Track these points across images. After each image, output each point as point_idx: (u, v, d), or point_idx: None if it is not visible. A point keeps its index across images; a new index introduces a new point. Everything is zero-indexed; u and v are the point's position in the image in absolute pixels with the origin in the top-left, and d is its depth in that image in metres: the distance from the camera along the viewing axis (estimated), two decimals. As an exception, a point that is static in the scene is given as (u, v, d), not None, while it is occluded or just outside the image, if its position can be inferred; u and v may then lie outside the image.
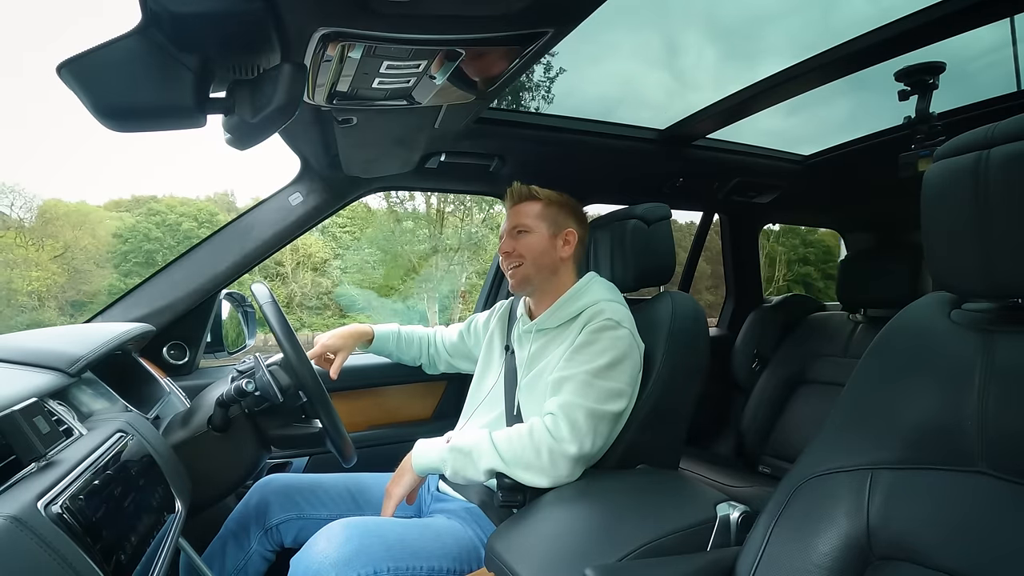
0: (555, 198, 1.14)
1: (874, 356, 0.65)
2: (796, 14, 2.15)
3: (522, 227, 1.12)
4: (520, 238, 1.12)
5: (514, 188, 1.16)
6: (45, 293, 9.92)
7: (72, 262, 10.28)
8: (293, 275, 9.37)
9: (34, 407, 0.57)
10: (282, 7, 0.57)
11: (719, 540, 0.79)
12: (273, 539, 1.03)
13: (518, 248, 1.11)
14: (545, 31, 0.71)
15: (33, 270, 8.36)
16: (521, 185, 1.15)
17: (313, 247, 10.12)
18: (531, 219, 1.12)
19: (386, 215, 11.51)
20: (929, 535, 0.53)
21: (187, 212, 11.54)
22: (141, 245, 10.67)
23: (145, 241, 10.75)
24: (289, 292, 9.58)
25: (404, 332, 1.38)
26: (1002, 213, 0.51)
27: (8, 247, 8.17)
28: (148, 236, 10.82)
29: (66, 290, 10.13)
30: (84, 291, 10.14)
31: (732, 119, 1.36)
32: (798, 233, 8.88)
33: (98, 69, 0.51)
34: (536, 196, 1.14)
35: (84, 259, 10.45)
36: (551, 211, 1.13)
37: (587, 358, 0.96)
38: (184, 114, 0.57)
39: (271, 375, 0.90)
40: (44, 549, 0.46)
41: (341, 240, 10.74)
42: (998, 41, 1.18)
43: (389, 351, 1.36)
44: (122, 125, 0.56)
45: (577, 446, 0.90)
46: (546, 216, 1.12)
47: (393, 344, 1.35)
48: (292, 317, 9.64)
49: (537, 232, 1.11)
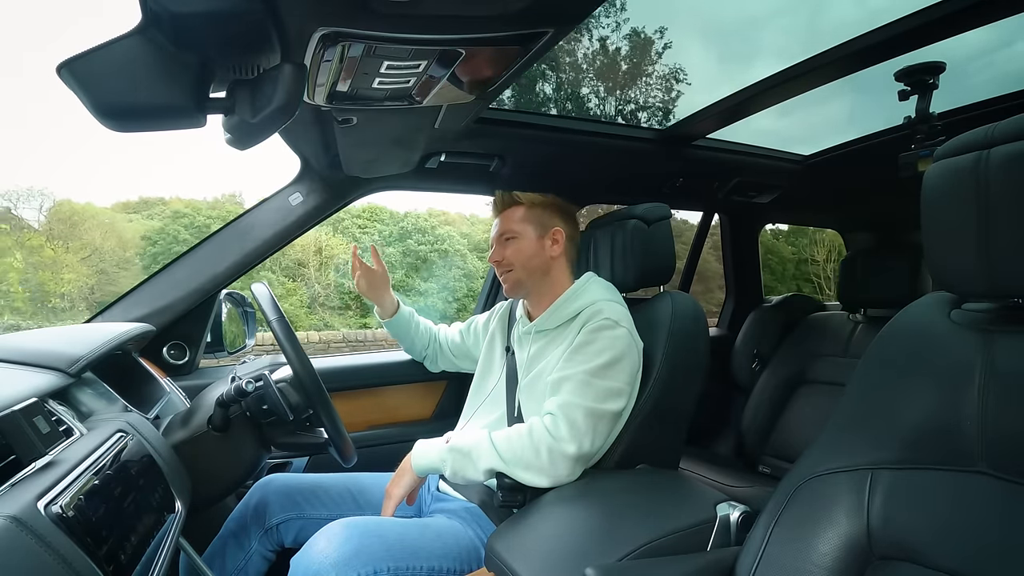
0: (537, 200, 1.15)
1: (874, 356, 0.65)
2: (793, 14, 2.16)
3: (508, 233, 1.13)
4: (508, 245, 1.13)
5: (497, 197, 1.18)
6: (76, 295, 9.93)
7: (100, 264, 10.29)
8: (317, 277, 9.41)
9: (34, 407, 0.57)
10: (282, 7, 0.57)
11: (719, 540, 0.79)
12: (273, 539, 1.03)
13: (507, 255, 1.13)
14: (545, 31, 0.71)
15: (64, 272, 8.33)
16: (503, 193, 1.17)
17: (336, 248, 10.16)
18: (516, 224, 1.13)
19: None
20: (929, 535, 0.53)
21: (215, 215, 11.59)
22: (170, 247, 10.69)
23: (175, 243, 10.78)
24: (313, 293, 9.62)
25: (419, 318, 1.40)
26: (1002, 213, 0.51)
27: (37, 249, 8.14)
28: (177, 239, 10.87)
29: (95, 291, 10.14)
30: (113, 292, 10.15)
31: (732, 119, 1.36)
32: (806, 233, 8.89)
33: (98, 69, 0.51)
34: (518, 201, 1.15)
35: (112, 261, 10.44)
36: (535, 213, 1.14)
37: (585, 358, 0.96)
38: (184, 114, 0.57)
39: (280, 393, 0.91)
40: (44, 549, 0.46)
41: (361, 242, 10.82)
42: (998, 41, 1.18)
43: (406, 330, 1.37)
44: (122, 125, 0.56)
45: (576, 445, 0.90)
46: (530, 219, 1.13)
47: (412, 325, 1.37)
48: (315, 318, 9.71)
49: (524, 236, 1.13)
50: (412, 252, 10.74)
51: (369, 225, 11.13)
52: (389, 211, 11.45)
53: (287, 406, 0.91)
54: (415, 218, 11.46)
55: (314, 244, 10.10)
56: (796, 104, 1.27)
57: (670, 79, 9.56)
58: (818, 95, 1.21)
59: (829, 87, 1.17)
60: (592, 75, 9.36)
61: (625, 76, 8.76)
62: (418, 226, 11.36)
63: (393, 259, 10.62)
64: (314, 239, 10.21)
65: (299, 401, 0.93)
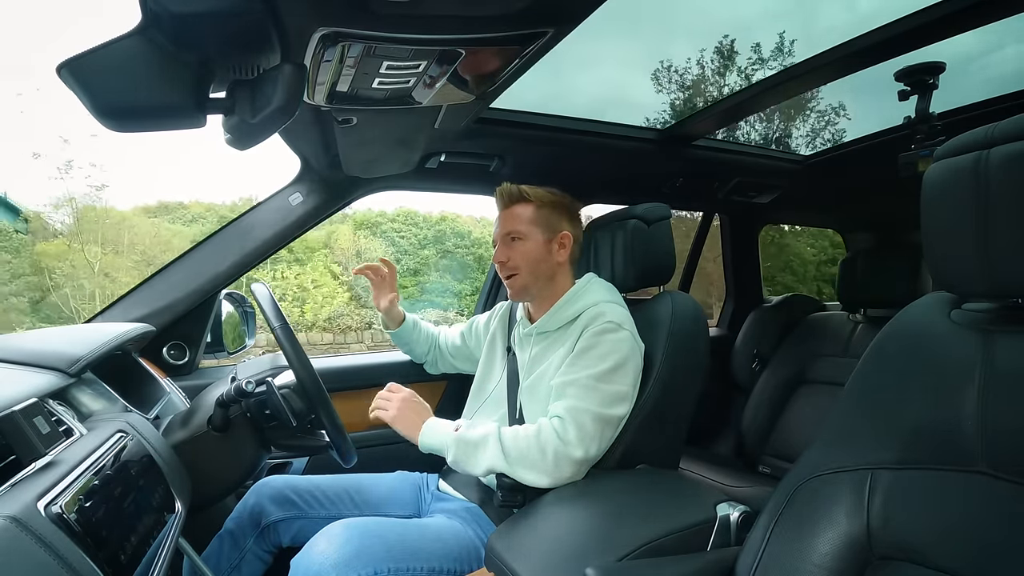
0: (547, 199, 1.10)
1: (874, 356, 0.65)
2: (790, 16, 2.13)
3: (516, 233, 1.08)
4: (515, 246, 1.09)
5: (504, 189, 1.11)
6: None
7: (149, 269, 10.27)
8: (356, 281, 9.46)
9: (34, 407, 0.57)
10: (282, 7, 0.57)
11: (719, 540, 0.79)
12: (270, 539, 1.03)
13: (513, 257, 1.08)
14: (545, 31, 0.71)
15: (123, 275, 8.26)
16: (511, 186, 1.11)
17: (376, 252, 10.22)
18: (524, 224, 1.08)
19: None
20: (929, 535, 0.53)
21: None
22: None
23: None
24: (353, 295, 9.65)
25: (421, 324, 1.39)
26: (1002, 213, 0.51)
27: (95, 256, 8.10)
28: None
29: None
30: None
31: (732, 119, 1.36)
32: (826, 235, 8.84)
33: (98, 69, 0.51)
34: (527, 198, 1.10)
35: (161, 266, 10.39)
36: (543, 214, 1.09)
37: (590, 362, 0.96)
38: (184, 114, 0.57)
39: (284, 399, 0.91)
40: (44, 549, 0.46)
41: (399, 245, 10.88)
42: (998, 41, 1.18)
43: (409, 338, 1.36)
44: (122, 125, 0.56)
45: (583, 450, 0.90)
46: (539, 220, 1.09)
47: (415, 332, 1.37)
48: (359, 317, 9.74)
49: (531, 239, 1.08)
50: (448, 254, 10.81)
51: (405, 229, 11.17)
52: (423, 215, 11.48)
53: (290, 412, 0.91)
54: (451, 221, 11.49)
55: (353, 247, 10.14)
56: (796, 104, 1.27)
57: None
58: (818, 95, 1.20)
59: (829, 87, 1.17)
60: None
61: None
62: (456, 230, 11.42)
63: (429, 261, 10.71)
64: (353, 243, 10.25)
65: (302, 407, 0.93)
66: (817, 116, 7.96)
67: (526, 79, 0.88)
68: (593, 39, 1.51)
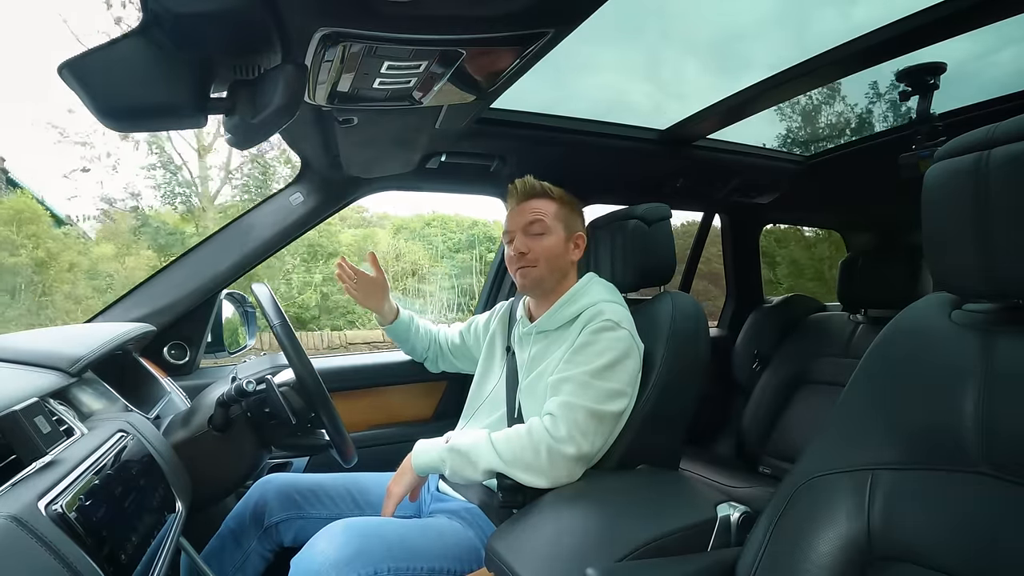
0: (567, 198, 1.12)
1: (875, 356, 0.65)
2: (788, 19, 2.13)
3: (540, 227, 1.08)
4: (538, 239, 1.08)
5: (527, 182, 1.11)
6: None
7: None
8: (395, 284, 9.48)
9: (35, 407, 0.57)
10: (283, 7, 0.57)
11: (719, 540, 0.79)
12: (272, 539, 1.03)
13: (535, 249, 1.07)
14: (545, 31, 0.71)
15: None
16: (533, 180, 1.11)
17: (416, 254, 10.29)
18: (550, 219, 1.08)
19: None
20: (930, 535, 0.53)
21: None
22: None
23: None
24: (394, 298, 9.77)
25: (419, 321, 1.38)
26: (1002, 214, 0.51)
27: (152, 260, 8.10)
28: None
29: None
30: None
31: (732, 119, 1.36)
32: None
33: (99, 69, 0.51)
34: (550, 194, 1.10)
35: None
36: (564, 212, 1.11)
37: (586, 359, 0.96)
38: (185, 114, 0.57)
39: (283, 397, 0.91)
40: (44, 549, 0.46)
41: (437, 248, 10.96)
42: (998, 42, 1.18)
43: (406, 334, 1.36)
44: (123, 125, 0.56)
45: (576, 447, 0.90)
46: (561, 217, 1.10)
47: (412, 329, 1.36)
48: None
49: (555, 234, 1.08)
50: (482, 259, 10.93)
51: (441, 234, 11.26)
52: (456, 220, 11.57)
53: (290, 410, 0.91)
54: (484, 226, 11.57)
55: (393, 251, 10.16)
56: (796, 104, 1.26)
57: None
58: (818, 95, 1.20)
59: (829, 87, 1.17)
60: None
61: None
62: (488, 234, 11.51)
63: (464, 265, 10.81)
64: (392, 246, 10.28)
65: (302, 406, 0.93)
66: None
67: (528, 84, 0.89)
68: (594, 44, 1.52)
